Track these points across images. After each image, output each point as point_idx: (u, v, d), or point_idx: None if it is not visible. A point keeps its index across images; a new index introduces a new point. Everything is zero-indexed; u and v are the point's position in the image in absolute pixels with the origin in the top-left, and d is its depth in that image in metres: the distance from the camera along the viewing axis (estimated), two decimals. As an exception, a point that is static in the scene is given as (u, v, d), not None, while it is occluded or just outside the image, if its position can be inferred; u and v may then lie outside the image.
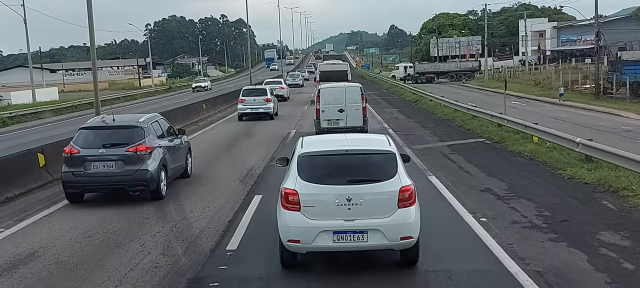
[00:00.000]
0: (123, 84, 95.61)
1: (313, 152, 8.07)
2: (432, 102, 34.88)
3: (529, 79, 65.22)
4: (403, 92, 48.21)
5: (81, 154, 12.03)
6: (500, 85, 65.24)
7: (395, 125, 25.63)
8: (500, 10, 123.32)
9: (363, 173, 7.73)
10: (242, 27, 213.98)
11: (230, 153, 19.40)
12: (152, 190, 12.23)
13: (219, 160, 18.12)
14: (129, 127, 12.69)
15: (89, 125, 12.91)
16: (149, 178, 12.06)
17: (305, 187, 7.58)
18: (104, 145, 12.11)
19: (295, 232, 7.54)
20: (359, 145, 8.50)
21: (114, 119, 12.97)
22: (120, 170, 11.95)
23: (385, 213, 7.51)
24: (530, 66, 78.58)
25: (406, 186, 7.63)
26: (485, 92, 54.33)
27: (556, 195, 11.80)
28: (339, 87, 21.77)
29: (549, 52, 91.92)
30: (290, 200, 7.56)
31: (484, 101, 37.04)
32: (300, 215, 7.52)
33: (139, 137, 12.26)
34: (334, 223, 7.47)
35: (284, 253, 7.89)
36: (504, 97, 27.69)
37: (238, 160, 17.66)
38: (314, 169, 7.75)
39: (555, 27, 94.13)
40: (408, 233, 7.54)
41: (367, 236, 7.48)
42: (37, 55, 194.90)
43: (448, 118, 27.29)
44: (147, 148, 12.17)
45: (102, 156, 12.00)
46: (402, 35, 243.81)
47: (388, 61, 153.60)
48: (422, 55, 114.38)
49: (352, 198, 7.45)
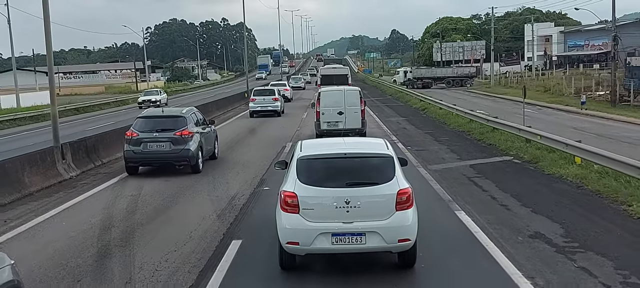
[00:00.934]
0: (120, 88, 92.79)
1: (312, 155, 8.07)
2: (442, 110, 31.87)
3: (538, 85, 62.21)
4: (409, 99, 44.98)
5: (139, 137, 15.55)
6: (508, 91, 62.58)
7: (404, 138, 22.55)
8: (505, 15, 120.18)
9: (361, 176, 7.77)
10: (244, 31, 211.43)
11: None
12: (192, 165, 15.72)
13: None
14: (175, 116, 16.36)
15: (144, 115, 16.85)
16: (190, 156, 15.61)
17: (304, 189, 7.62)
18: (157, 130, 15.67)
19: (294, 234, 7.56)
20: (357, 149, 8.48)
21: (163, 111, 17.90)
22: (169, 149, 15.51)
23: (383, 215, 7.53)
24: (537, 72, 75.53)
25: (404, 189, 7.62)
26: (493, 98, 51.65)
27: (636, 248, 8.73)
28: (338, 90, 22.02)
29: (555, 57, 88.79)
30: (289, 202, 7.61)
31: (494, 108, 34.19)
32: (299, 217, 7.55)
33: (183, 124, 15.78)
34: (333, 225, 7.51)
35: (283, 256, 7.89)
36: (523, 106, 24.77)
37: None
38: (313, 172, 7.79)
39: (562, 32, 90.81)
40: (406, 236, 7.54)
41: (365, 238, 7.50)
42: (37, 58, 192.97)
43: (463, 130, 24.22)
44: (190, 133, 15.68)
45: (156, 138, 15.52)
46: (403, 39, 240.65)
47: (389, 66, 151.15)
48: (425, 59, 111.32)
49: (351, 200, 7.48)
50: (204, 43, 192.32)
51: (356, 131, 20.33)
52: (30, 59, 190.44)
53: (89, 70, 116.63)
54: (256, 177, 15.16)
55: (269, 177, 14.74)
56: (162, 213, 11.76)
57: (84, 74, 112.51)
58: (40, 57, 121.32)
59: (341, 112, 20.85)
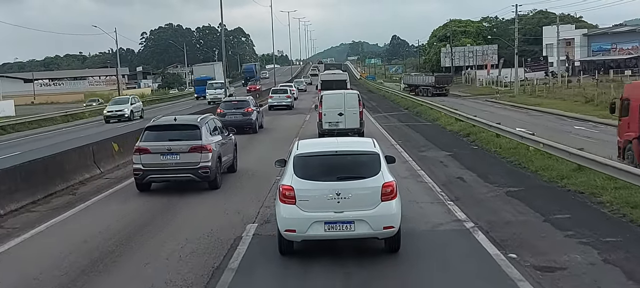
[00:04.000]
0: (102, 95, 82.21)
1: (307, 153, 8.80)
2: (485, 133, 21.64)
3: (574, 94, 51.29)
4: (436, 116, 32.37)
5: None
6: (540, 101, 51.50)
7: (483, 216, 10.97)
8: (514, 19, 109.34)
9: (351, 171, 8.44)
10: (241, 36, 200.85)
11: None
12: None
13: None
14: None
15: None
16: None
17: (300, 183, 8.28)
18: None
19: (291, 222, 8.24)
20: (347, 147, 9.27)
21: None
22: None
23: (370, 205, 8.16)
24: (562, 78, 64.75)
25: (388, 182, 8.28)
26: (526, 111, 41.13)
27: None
28: (339, 93, 23.36)
29: (577, 63, 78.00)
30: (286, 194, 8.26)
31: (533, 124, 27.30)
32: (295, 207, 8.21)
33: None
34: (325, 214, 8.16)
35: (282, 242, 8.54)
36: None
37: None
38: (308, 168, 8.47)
39: (586, 35, 79.72)
40: (390, 223, 8.20)
41: (354, 226, 8.14)
42: (31, 64, 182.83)
43: (553, 179, 13.57)
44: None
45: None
46: (404, 45, 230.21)
47: (391, 72, 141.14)
48: (432, 65, 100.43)
49: (341, 192, 8.13)
50: (200, 48, 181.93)
51: (355, 131, 21.66)
52: (25, 64, 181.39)
53: (71, 76, 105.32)
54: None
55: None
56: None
57: (64, 80, 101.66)
58: (37, 63, 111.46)
59: (341, 113, 21.87)
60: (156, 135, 13.85)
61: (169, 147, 13.36)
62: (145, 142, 13.58)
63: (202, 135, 13.64)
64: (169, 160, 13.35)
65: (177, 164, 13.33)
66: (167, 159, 13.35)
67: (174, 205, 12.57)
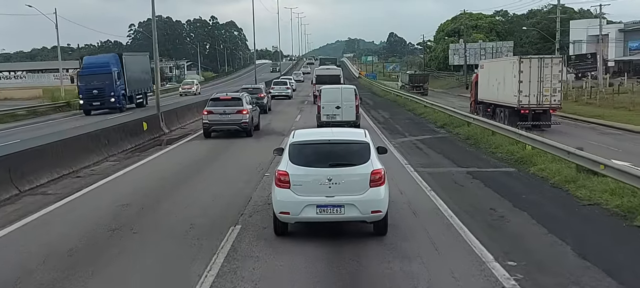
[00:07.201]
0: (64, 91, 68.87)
1: (301, 141, 9.27)
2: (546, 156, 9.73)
3: (628, 101, 38.42)
4: (479, 138, 19.99)
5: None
6: (592, 110, 38.14)
7: None
8: (528, 13, 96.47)
9: (342, 159, 8.83)
10: (233, 30, 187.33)
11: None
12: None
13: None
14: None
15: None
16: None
17: (295, 169, 8.74)
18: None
19: (285, 205, 8.70)
20: (339, 136, 9.62)
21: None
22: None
23: (359, 191, 8.56)
24: (603, 81, 51.88)
25: (377, 169, 8.68)
26: (592, 127, 29.69)
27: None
28: (336, 88, 24.95)
29: (611, 63, 65.20)
30: (282, 179, 8.72)
31: (628, 152, 19.26)
32: (290, 191, 8.67)
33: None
34: (317, 198, 8.60)
35: (277, 223, 9.06)
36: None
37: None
38: (302, 155, 8.90)
39: (622, 30, 66.55)
40: (378, 208, 8.62)
41: (344, 210, 8.56)
42: (17, 55, 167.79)
43: None
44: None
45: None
46: (401, 43, 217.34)
47: (388, 69, 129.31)
48: (439, 62, 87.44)
49: (332, 178, 8.56)
50: (191, 42, 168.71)
51: (351, 123, 22.68)
52: (12, 55, 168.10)
53: (34, 69, 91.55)
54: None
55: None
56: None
57: (31, 72, 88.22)
58: (24, 54, 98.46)
59: (339, 106, 23.42)
60: (215, 102, 23.33)
61: (224, 110, 22.69)
62: (209, 107, 23.16)
63: (243, 104, 23.07)
64: (224, 117, 22.69)
65: (229, 120, 22.67)
66: (223, 117, 22.69)
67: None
